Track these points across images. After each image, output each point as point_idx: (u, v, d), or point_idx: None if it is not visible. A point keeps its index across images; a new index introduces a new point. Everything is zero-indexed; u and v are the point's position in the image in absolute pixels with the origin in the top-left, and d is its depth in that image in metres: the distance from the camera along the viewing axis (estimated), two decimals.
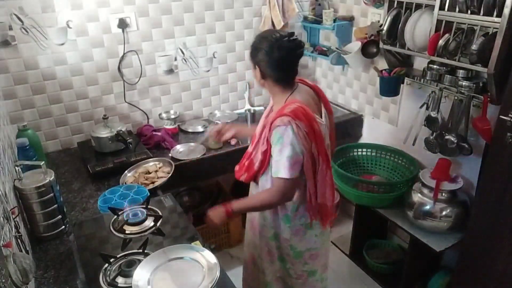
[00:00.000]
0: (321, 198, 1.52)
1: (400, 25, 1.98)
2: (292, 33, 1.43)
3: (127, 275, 1.23)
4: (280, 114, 1.39)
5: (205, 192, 2.79)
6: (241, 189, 1.88)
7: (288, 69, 1.47)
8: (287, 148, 1.37)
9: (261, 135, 1.51)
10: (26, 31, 1.95)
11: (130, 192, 1.69)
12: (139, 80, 2.34)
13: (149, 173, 1.92)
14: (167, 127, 2.39)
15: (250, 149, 1.61)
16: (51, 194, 1.44)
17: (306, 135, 1.38)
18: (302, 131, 1.36)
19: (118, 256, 1.32)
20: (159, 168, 1.96)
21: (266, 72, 1.45)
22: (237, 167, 1.66)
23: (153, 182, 1.86)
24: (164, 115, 2.45)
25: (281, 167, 1.38)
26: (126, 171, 1.93)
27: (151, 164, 1.98)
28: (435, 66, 1.95)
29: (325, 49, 2.72)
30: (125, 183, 1.86)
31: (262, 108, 2.80)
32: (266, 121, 1.50)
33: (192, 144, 2.28)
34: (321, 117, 1.54)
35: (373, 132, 2.63)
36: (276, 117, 1.40)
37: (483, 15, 1.63)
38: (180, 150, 2.23)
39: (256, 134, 1.58)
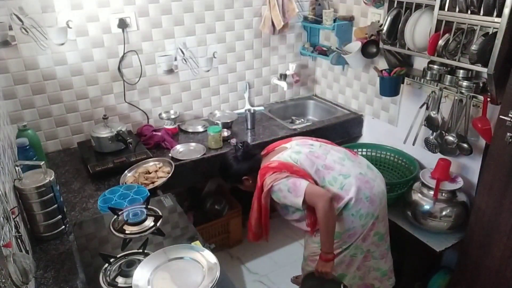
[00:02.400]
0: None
1: (400, 25, 1.98)
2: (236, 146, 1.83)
3: (127, 275, 1.23)
4: (263, 171, 1.73)
5: (205, 192, 2.79)
6: (241, 190, 1.89)
7: (254, 164, 1.81)
8: (283, 191, 1.66)
9: (254, 198, 1.79)
10: (26, 31, 1.95)
11: (130, 192, 1.69)
12: (139, 80, 2.34)
13: (149, 173, 1.92)
14: (167, 127, 2.39)
15: (252, 213, 1.84)
16: (51, 194, 1.44)
17: (279, 173, 1.67)
18: (279, 176, 1.66)
19: (118, 256, 1.32)
20: (159, 168, 1.96)
21: (251, 174, 1.78)
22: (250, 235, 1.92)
23: (153, 182, 1.86)
24: (164, 115, 2.45)
25: (295, 197, 1.64)
26: (126, 171, 1.93)
27: (151, 164, 1.98)
28: (435, 66, 1.95)
29: (325, 49, 2.72)
30: (125, 183, 1.86)
31: (262, 108, 2.80)
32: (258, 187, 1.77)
33: (192, 144, 2.28)
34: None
35: (373, 132, 2.63)
36: (262, 173, 1.73)
37: (483, 15, 1.63)
38: (180, 150, 2.23)
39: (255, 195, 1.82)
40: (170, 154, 2.16)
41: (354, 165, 1.78)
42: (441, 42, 1.78)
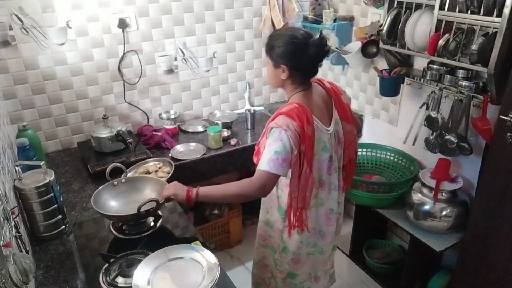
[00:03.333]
0: (300, 202, 1.48)
1: (400, 25, 1.98)
2: (323, 37, 1.43)
3: (127, 275, 1.23)
4: (277, 113, 1.41)
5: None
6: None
7: (314, 69, 1.47)
8: (276, 144, 1.36)
9: (267, 127, 1.48)
10: (26, 31, 1.95)
11: None
12: (139, 80, 2.34)
13: (149, 173, 1.92)
14: (167, 127, 2.39)
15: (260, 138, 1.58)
16: (51, 194, 1.44)
17: (297, 135, 1.36)
18: (292, 130, 1.35)
19: (118, 256, 1.32)
20: (159, 168, 1.96)
21: (292, 72, 1.43)
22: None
23: None
24: (164, 115, 2.45)
25: (266, 160, 1.36)
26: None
27: (151, 164, 1.98)
28: (435, 66, 1.95)
29: None
30: None
31: (262, 108, 2.80)
32: (270, 118, 1.50)
33: (192, 144, 2.28)
34: (328, 124, 1.50)
35: (373, 132, 2.63)
36: (275, 115, 1.41)
37: (483, 15, 1.63)
38: (180, 150, 2.23)
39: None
40: (170, 154, 2.16)
41: (340, 193, 1.64)
42: (441, 42, 1.78)
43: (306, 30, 1.44)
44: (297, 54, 1.39)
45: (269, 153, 1.36)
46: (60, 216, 1.50)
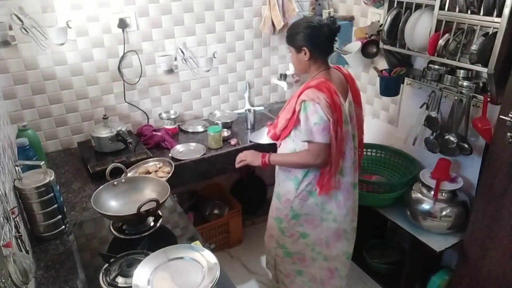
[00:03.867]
0: (335, 167, 1.65)
1: (400, 25, 1.98)
2: (333, 17, 1.66)
3: (127, 275, 1.23)
4: (305, 87, 1.58)
5: (205, 192, 2.80)
6: (241, 189, 1.90)
7: (330, 46, 1.66)
8: (313, 117, 1.53)
9: (289, 103, 1.67)
10: (26, 31, 1.95)
11: None
12: (139, 80, 2.34)
13: (149, 173, 1.92)
14: (167, 127, 2.39)
15: (279, 113, 1.76)
16: (51, 194, 1.44)
17: (328, 105, 1.52)
18: (323, 101, 1.52)
19: (118, 256, 1.32)
20: (159, 168, 1.96)
21: (313, 52, 1.61)
22: (268, 126, 1.84)
23: None
24: (164, 115, 2.45)
25: (311, 133, 1.55)
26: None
27: (151, 164, 1.98)
28: (435, 66, 1.95)
29: None
30: None
31: (262, 108, 2.80)
32: (295, 92, 1.65)
33: (192, 144, 2.28)
34: (345, 101, 1.65)
35: (373, 132, 2.63)
36: (303, 89, 1.58)
37: (483, 15, 1.63)
38: (180, 150, 2.23)
39: (286, 103, 1.73)
40: (170, 154, 2.16)
41: (355, 174, 1.78)
42: (441, 42, 1.78)
43: (316, 16, 1.68)
44: (314, 35, 1.59)
45: (309, 126, 1.55)
46: (60, 216, 1.50)
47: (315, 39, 1.60)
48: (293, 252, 1.88)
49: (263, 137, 2.31)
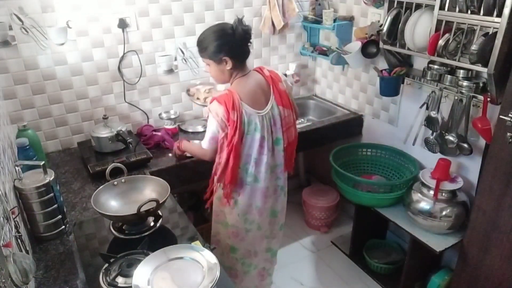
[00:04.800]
0: (227, 177, 1.72)
1: (400, 25, 1.98)
2: (241, 18, 1.60)
3: (127, 275, 1.23)
4: (213, 97, 1.65)
5: (205, 193, 2.79)
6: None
7: (247, 49, 1.65)
8: (211, 126, 1.67)
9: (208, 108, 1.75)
10: (26, 31, 1.95)
11: None
12: (139, 80, 2.34)
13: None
14: (167, 127, 2.39)
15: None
16: (51, 194, 1.44)
17: (223, 119, 1.60)
18: (220, 116, 1.60)
19: (118, 256, 1.32)
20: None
21: (233, 60, 1.62)
22: None
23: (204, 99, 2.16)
24: (164, 115, 2.45)
25: (207, 139, 1.71)
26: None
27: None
28: (435, 66, 1.95)
29: (325, 49, 2.72)
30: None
31: None
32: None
33: (195, 142, 2.28)
34: (263, 108, 1.67)
35: (373, 132, 2.63)
36: (212, 99, 1.65)
37: (483, 15, 1.63)
38: None
39: None
40: (170, 154, 2.16)
41: (268, 177, 1.78)
42: (441, 42, 1.78)
43: (222, 22, 1.69)
44: (230, 41, 1.59)
45: (208, 133, 1.70)
46: (60, 216, 1.50)
47: (233, 46, 1.59)
48: (225, 266, 1.88)
49: None
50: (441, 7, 1.76)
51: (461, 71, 1.85)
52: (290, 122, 1.75)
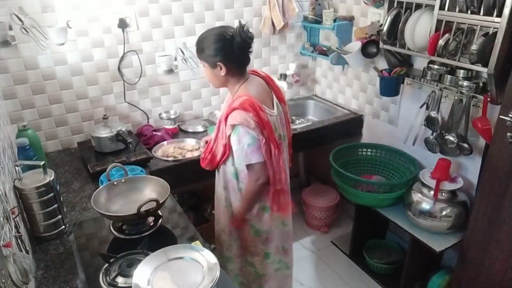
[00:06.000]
0: (278, 184, 1.63)
1: (400, 25, 1.98)
2: (243, 25, 1.52)
3: (127, 275, 1.23)
4: (230, 108, 1.52)
5: (205, 192, 2.80)
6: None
7: (246, 57, 1.59)
8: (245, 138, 1.50)
9: (219, 129, 1.62)
10: (26, 31, 1.95)
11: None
12: (139, 80, 2.34)
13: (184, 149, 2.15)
14: (167, 127, 2.39)
15: (211, 143, 1.70)
16: (51, 194, 1.44)
17: (257, 124, 1.49)
18: (251, 122, 1.48)
19: (118, 256, 1.32)
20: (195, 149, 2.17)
21: (229, 66, 1.55)
22: (202, 156, 1.79)
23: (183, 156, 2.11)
24: (164, 115, 2.45)
25: (247, 155, 1.53)
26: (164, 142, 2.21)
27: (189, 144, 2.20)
28: (435, 66, 1.95)
29: (325, 49, 2.72)
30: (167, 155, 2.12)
31: None
32: (221, 116, 1.60)
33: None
34: (272, 107, 1.64)
35: (373, 132, 2.63)
36: (228, 112, 1.52)
37: (483, 15, 1.63)
38: None
39: (216, 127, 1.67)
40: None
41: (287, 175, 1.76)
42: (441, 42, 1.78)
43: (225, 26, 1.60)
44: (227, 47, 1.51)
45: (244, 148, 1.52)
46: (60, 216, 1.50)
47: (229, 52, 1.51)
48: (259, 274, 1.87)
49: None
50: (441, 7, 1.76)
51: (461, 71, 1.85)
52: (288, 117, 1.77)
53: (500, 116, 1.57)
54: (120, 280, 1.23)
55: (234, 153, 1.58)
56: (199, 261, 1.16)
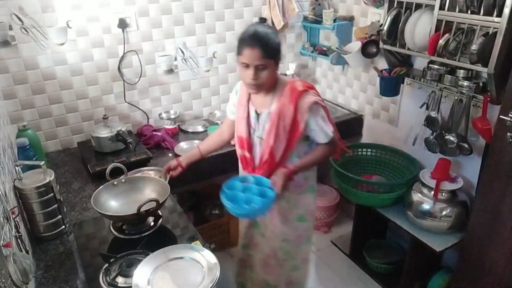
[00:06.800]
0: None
1: (400, 25, 1.98)
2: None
3: (127, 275, 1.23)
4: (304, 88, 1.50)
5: (205, 192, 2.80)
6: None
7: None
8: (320, 112, 1.53)
9: (277, 125, 1.51)
10: (26, 31, 1.95)
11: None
12: (139, 80, 2.34)
13: None
14: (167, 127, 2.39)
15: (266, 145, 1.56)
16: (51, 194, 1.44)
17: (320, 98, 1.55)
18: (319, 96, 1.55)
19: (118, 256, 1.32)
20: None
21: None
22: (256, 165, 1.63)
23: None
24: (164, 115, 2.45)
25: (328, 128, 1.54)
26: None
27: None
28: (435, 66, 1.95)
29: (325, 49, 2.72)
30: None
31: None
32: (281, 109, 1.50)
33: (196, 141, 2.29)
34: None
35: (373, 132, 2.63)
36: (301, 91, 1.49)
37: (483, 15, 1.63)
38: (184, 147, 2.23)
39: (269, 128, 1.54)
40: (170, 154, 2.16)
41: None
42: (441, 42, 1.78)
43: (258, 22, 1.56)
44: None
45: (324, 123, 1.54)
46: (60, 216, 1.50)
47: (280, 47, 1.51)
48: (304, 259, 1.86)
49: None
50: (441, 7, 1.76)
51: (461, 71, 1.85)
52: None
53: (500, 116, 1.57)
54: (120, 280, 1.23)
55: (317, 131, 1.53)
56: (199, 261, 1.16)
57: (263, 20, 1.51)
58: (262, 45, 1.40)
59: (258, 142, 1.60)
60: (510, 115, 1.53)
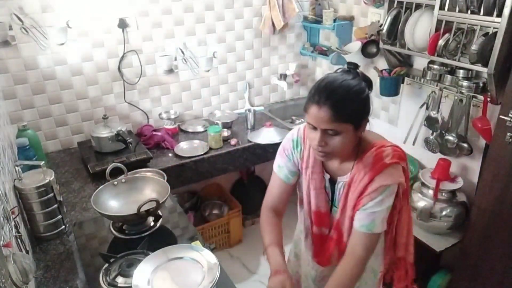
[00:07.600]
0: (402, 251, 1.28)
1: (400, 25, 1.98)
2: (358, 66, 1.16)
3: (127, 275, 1.23)
4: (380, 167, 1.14)
5: (205, 192, 2.80)
6: (241, 189, 1.88)
7: None
8: (388, 199, 1.12)
9: (346, 199, 1.20)
10: (26, 31, 1.95)
11: None
12: (139, 80, 2.34)
13: None
14: (167, 127, 2.39)
15: (335, 220, 1.26)
16: (51, 194, 1.44)
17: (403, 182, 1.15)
18: (402, 179, 1.15)
19: (118, 256, 1.32)
20: None
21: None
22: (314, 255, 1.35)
23: None
24: (164, 115, 2.45)
25: (377, 220, 1.12)
26: None
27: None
28: (435, 66, 1.95)
29: (325, 49, 2.72)
30: None
31: (262, 108, 2.80)
32: (353, 179, 1.18)
33: (196, 141, 2.29)
34: None
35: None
36: (379, 170, 1.13)
37: (483, 15, 1.63)
38: (184, 147, 2.23)
39: (343, 199, 1.22)
40: (170, 154, 2.16)
41: None
42: (441, 42, 1.78)
43: (343, 69, 1.21)
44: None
45: (383, 212, 1.13)
46: (60, 216, 1.50)
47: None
48: None
49: (263, 136, 2.31)
50: (441, 7, 1.76)
51: (461, 71, 1.85)
52: None
53: (500, 116, 1.57)
54: (120, 280, 1.23)
55: (363, 215, 1.14)
56: (199, 261, 1.16)
57: (351, 66, 1.15)
58: (333, 105, 1.06)
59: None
60: (510, 115, 1.53)
